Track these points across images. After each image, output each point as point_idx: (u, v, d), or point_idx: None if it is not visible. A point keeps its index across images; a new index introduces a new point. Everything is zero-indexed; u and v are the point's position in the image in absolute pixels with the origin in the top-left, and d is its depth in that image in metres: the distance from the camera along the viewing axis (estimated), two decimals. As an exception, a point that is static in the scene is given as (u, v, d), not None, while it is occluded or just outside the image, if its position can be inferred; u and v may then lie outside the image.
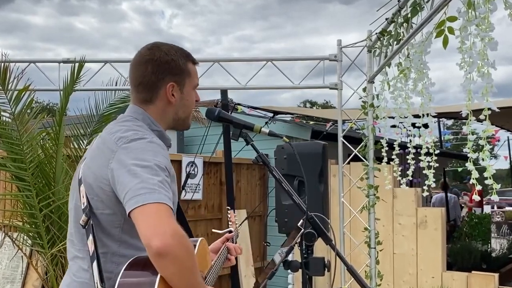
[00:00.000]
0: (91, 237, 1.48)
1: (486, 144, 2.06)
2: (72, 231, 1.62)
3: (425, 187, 3.16)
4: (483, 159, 2.09)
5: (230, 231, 2.12)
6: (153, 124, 1.63)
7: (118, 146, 1.47)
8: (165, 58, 1.63)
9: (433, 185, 3.15)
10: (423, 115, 2.99)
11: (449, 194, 9.68)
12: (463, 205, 12.02)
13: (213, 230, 2.25)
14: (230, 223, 2.20)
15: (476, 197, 2.23)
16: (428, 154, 3.10)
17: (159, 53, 1.64)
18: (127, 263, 1.43)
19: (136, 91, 1.66)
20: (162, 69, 1.63)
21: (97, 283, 1.44)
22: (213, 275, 1.82)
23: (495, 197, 1.99)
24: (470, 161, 2.13)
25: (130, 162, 1.41)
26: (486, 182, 2.01)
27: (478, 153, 2.09)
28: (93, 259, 1.47)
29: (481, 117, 2.02)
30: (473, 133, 2.13)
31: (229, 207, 2.38)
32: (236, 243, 2.15)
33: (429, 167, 3.09)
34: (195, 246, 1.66)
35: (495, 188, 1.95)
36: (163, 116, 1.66)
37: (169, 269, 1.32)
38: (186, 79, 1.67)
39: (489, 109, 2.02)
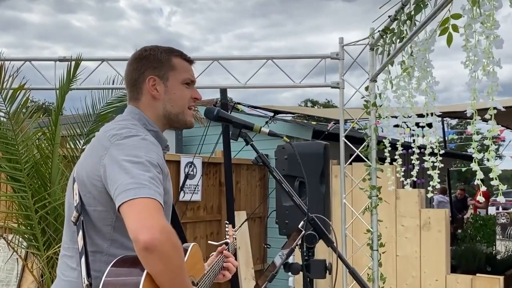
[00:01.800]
0: (81, 233, 1.50)
1: (491, 144, 2.05)
2: (64, 230, 1.64)
3: (430, 188, 3.15)
4: (487, 160, 2.09)
5: (227, 243, 2.11)
6: (148, 124, 1.66)
7: (111, 143, 1.50)
8: (143, 54, 1.71)
9: (438, 186, 3.14)
10: (427, 114, 2.99)
11: (439, 196, 9.69)
12: (471, 205, 12.04)
13: (209, 242, 2.25)
14: (227, 236, 2.20)
15: (481, 198, 2.22)
16: (432, 154, 3.10)
17: (140, 52, 1.73)
18: (113, 261, 1.44)
19: (127, 91, 1.75)
20: (141, 64, 1.70)
21: (84, 278, 1.44)
22: (206, 283, 1.81)
23: (501, 198, 1.99)
24: (475, 162, 2.12)
25: (121, 158, 1.43)
26: (492, 183, 2.00)
27: (483, 153, 2.08)
28: (82, 255, 1.48)
29: (487, 116, 2.02)
30: (478, 133, 2.12)
31: (227, 222, 2.38)
32: (232, 255, 2.14)
33: (433, 168, 3.08)
34: (187, 250, 1.67)
35: (501, 189, 1.95)
36: (153, 113, 1.68)
37: (156, 266, 1.32)
38: (169, 72, 1.69)
39: (494, 108, 2.01)
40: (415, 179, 3.66)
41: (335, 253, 1.83)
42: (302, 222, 1.87)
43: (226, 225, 2.29)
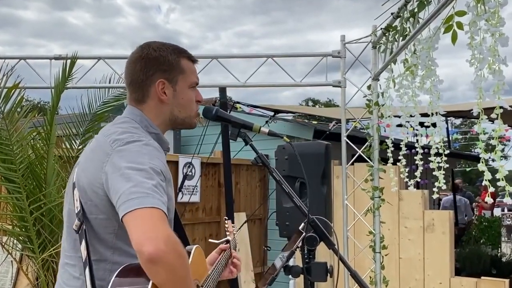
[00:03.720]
0: (84, 242, 1.48)
1: (498, 144, 2.05)
2: (64, 237, 1.62)
3: (435, 189, 3.15)
4: (493, 160, 2.08)
5: (228, 241, 2.11)
6: (150, 126, 1.64)
7: (113, 148, 1.47)
8: (153, 55, 1.64)
9: (444, 187, 3.14)
10: (432, 113, 2.98)
11: (459, 197, 9.65)
12: (475, 208, 12.03)
13: (210, 240, 2.24)
14: (227, 232, 2.19)
15: (489, 199, 2.22)
16: (437, 154, 3.09)
17: (147, 50, 1.65)
18: (118, 270, 1.43)
19: (129, 91, 1.68)
20: (150, 66, 1.64)
21: None
22: (210, 285, 1.81)
23: (508, 199, 1.98)
24: (482, 162, 2.11)
25: (124, 165, 1.41)
26: (499, 184, 1.99)
27: (490, 153, 2.08)
28: (86, 265, 1.46)
29: (493, 115, 2.01)
30: (484, 133, 2.11)
31: (226, 217, 2.37)
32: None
33: (439, 168, 3.08)
34: (190, 253, 1.66)
35: (508, 190, 1.94)
36: (159, 116, 1.65)
37: (161, 277, 1.31)
38: (179, 76, 1.66)
39: (500, 107, 2.01)
40: (418, 179, 3.66)
41: (336, 256, 1.83)
42: (302, 224, 1.87)
43: (226, 221, 2.28)
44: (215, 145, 6.42)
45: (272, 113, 7.26)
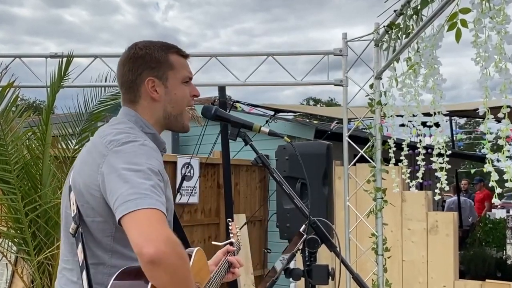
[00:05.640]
0: (80, 246, 1.48)
1: (505, 144, 2.04)
2: (62, 241, 1.62)
3: (437, 190, 3.15)
4: (498, 161, 2.08)
5: (231, 243, 2.10)
6: (146, 126, 1.65)
7: (109, 149, 1.47)
8: (139, 53, 1.66)
9: (447, 188, 3.13)
10: (434, 113, 2.98)
11: (463, 198, 9.65)
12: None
13: (213, 243, 2.23)
14: (231, 234, 2.19)
15: (496, 201, 2.21)
16: (440, 155, 3.09)
17: (134, 50, 1.68)
18: (116, 273, 1.43)
19: (121, 92, 1.71)
20: (137, 65, 1.65)
21: None
22: (213, 286, 1.81)
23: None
24: (489, 162, 2.11)
25: (121, 166, 1.41)
26: (506, 184, 1.99)
27: (497, 153, 2.07)
28: (83, 269, 1.46)
29: (499, 115, 2.01)
30: (490, 133, 2.11)
31: (230, 219, 2.36)
32: (237, 255, 2.14)
33: (441, 169, 3.08)
34: (191, 256, 1.66)
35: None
36: (153, 115, 1.66)
37: (161, 279, 1.31)
38: (168, 72, 1.66)
39: (508, 106, 2.01)
40: (420, 180, 3.66)
41: (338, 258, 1.83)
42: (303, 226, 1.87)
43: (230, 223, 2.27)
44: (214, 145, 6.41)
45: (272, 113, 7.26)
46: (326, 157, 3.76)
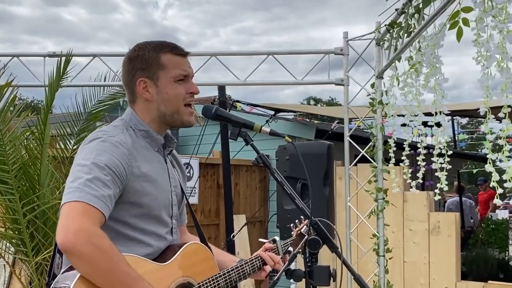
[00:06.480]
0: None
1: (506, 144, 2.04)
2: None
3: (437, 191, 3.15)
4: (500, 161, 2.08)
5: (274, 240, 2.09)
6: (140, 124, 1.74)
7: (81, 146, 1.65)
8: (133, 55, 1.75)
9: (446, 188, 3.13)
10: (436, 113, 2.98)
11: (464, 198, 9.65)
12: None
13: (260, 240, 2.20)
14: (293, 232, 2.14)
15: (498, 201, 2.21)
16: (440, 155, 3.09)
17: (130, 52, 1.77)
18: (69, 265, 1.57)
19: (125, 93, 1.83)
20: (131, 67, 1.74)
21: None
22: (220, 283, 1.80)
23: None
24: (489, 163, 2.11)
25: (76, 162, 1.57)
26: (506, 185, 1.99)
27: (498, 153, 2.07)
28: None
29: (500, 115, 2.01)
30: (491, 133, 2.11)
31: (302, 217, 2.17)
32: (282, 255, 2.07)
33: (441, 169, 3.08)
34: (180, 248, 1.73)
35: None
36: (148, 114, 1.75)
37: (80, 267, 1.42)
38: (159, 72, 1.72)
39: (509, 106, 2.01)
40: (421, 181, 3.65)
41: (339, 259, 1.83)
42: (305, 227, 1.87)
43: (302, 221, 2.15)
44: (214, 145, 6.42)
45: (272, 112, 7.27)
46: (327, 157, 3.76)
